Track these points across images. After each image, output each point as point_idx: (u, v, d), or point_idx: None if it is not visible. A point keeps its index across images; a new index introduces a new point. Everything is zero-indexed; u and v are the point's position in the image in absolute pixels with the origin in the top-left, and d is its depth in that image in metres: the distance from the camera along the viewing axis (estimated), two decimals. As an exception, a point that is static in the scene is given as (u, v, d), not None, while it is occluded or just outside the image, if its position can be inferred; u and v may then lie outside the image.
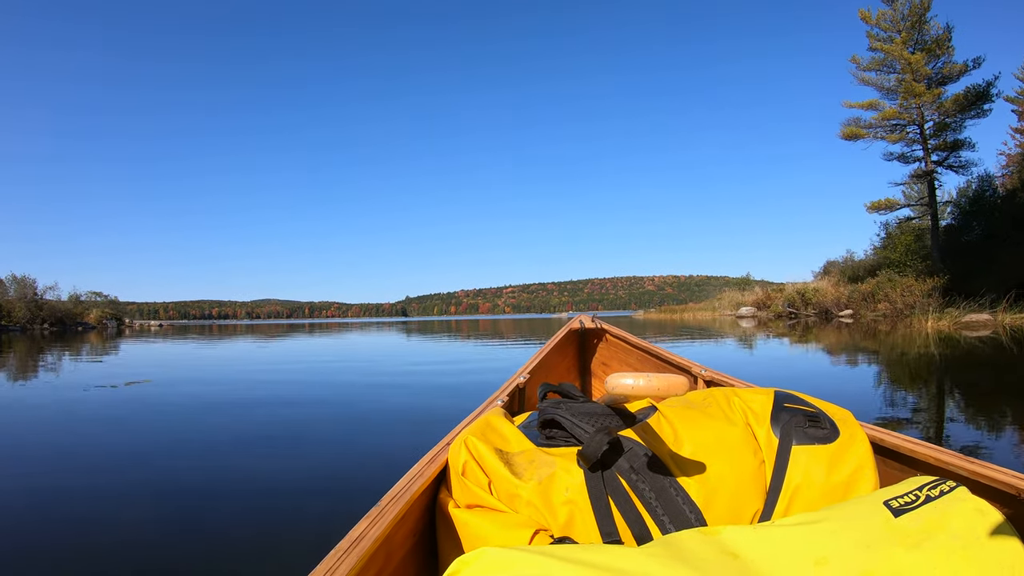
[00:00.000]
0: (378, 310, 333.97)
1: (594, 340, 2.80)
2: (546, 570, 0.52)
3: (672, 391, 0.77)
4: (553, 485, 0.84)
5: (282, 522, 1.88)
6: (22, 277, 33.91)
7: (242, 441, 3.13)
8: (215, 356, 10.35)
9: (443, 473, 0.99)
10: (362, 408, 4.19)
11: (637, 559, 0.55)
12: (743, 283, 34.97)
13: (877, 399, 3.98)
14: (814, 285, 23.41)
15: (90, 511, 2.02)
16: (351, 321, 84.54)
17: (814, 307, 22.10)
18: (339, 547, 0.71)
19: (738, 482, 0.83)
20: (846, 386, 4.72)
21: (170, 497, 2.17)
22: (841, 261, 31.59)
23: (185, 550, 1.68)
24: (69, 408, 4.36)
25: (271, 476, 2.43)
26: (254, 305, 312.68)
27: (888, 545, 0.58)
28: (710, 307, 31.31)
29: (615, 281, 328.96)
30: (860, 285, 20.28)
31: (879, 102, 20.90)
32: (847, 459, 0.86)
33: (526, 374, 1.88)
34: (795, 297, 23.24)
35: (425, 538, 0.95)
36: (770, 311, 24.78)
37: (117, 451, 2.97)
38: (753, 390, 1.01)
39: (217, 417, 3.89)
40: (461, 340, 14.23)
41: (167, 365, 8.54)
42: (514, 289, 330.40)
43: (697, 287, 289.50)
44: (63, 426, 3.70)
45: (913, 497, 0.66)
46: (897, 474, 1.00)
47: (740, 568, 0.56)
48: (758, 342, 10.41)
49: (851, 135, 20.97)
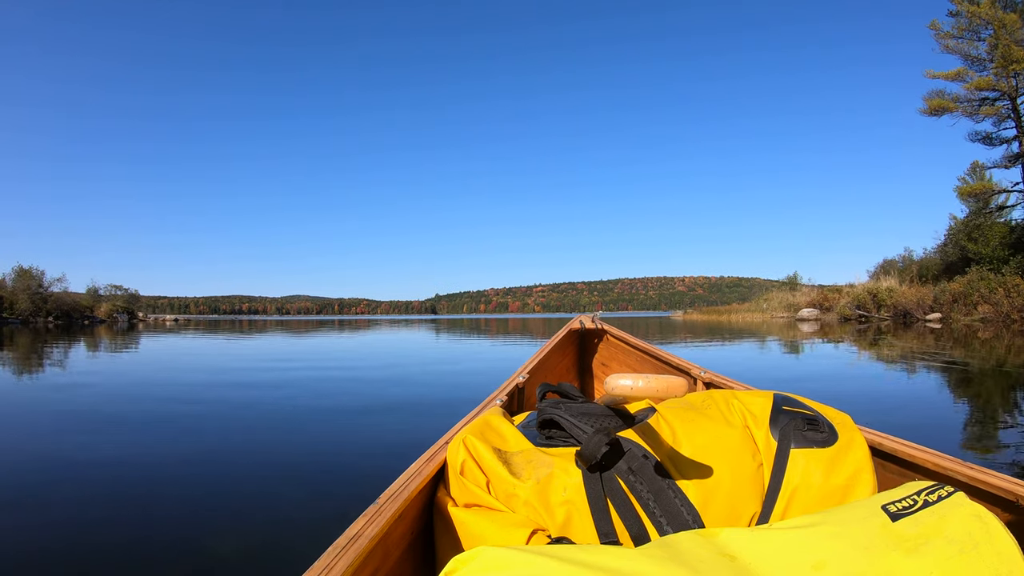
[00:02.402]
0: (407, 307, 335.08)
1: (594, 340, 2.80)
2: (543, 570, 0.52)
3: (671, 392, 0.76)
4: (551, 485, 0.84)
5: (278, 520, 1.87)
6: (28, 269, 32.70)
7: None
8: (202, 352, 9.80)
9: (441, 472, 0.98)
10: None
11: (634, 560, 0.54)
12: (790, 284, 32.33)
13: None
14: (887, 285, 20.60)
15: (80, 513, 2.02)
16: (380, 318, 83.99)
17: (888, 309, 19.29)
18: (336, 544, 0.71)
19: (736, 484, 0.83)
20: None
21: (161, 498, 2.16)
22: (899, 260, 29.42)
23: (179, 547, 1.67)
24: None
25: (266, 475, 2.42)
26: (284, 301, 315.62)
27: (885, 549, 0.58)
28: (757, 308, 29.28)
29: (645, 281, 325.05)
30: (949, 284, 17.39)
31: (967, 71, 17.94)
32: (845, 463, 0.85)
33: (525, 374, 1.89)
34: (865, 298, 20.43)
35: (423, 537, 0.95)
36: (835, 313, 21.99)
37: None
38: (752, 392, 1.01)
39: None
40: (490, 338, 13.72)
41: (125, 367, 7.54)
42: (544, 288, 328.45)
43: (728, 288, 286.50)
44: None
45: (911, 502, 0.65)
46: (895, 478, 1.01)
47: (737, 570, 0.55)
48: (848, 351, 8.51)
49: (938, 108, 18.18)
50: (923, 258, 26.69)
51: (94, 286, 39.79)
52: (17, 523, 1.89)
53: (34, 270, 32.36)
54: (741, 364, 6.84)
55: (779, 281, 37.54)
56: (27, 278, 31.69)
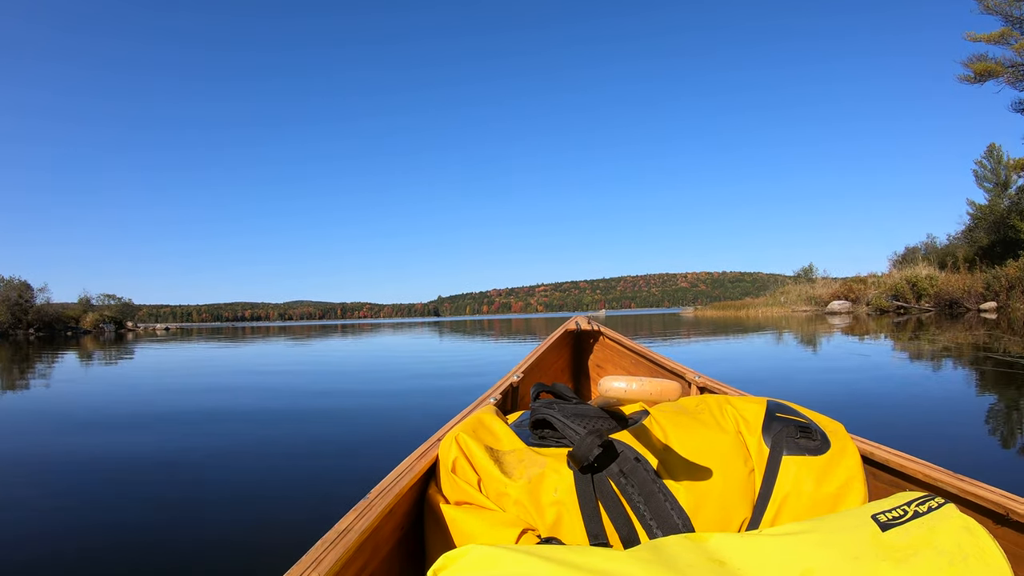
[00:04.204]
0: (410, 310, 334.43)
1: (590, 341, 2.78)
2: (531, 569, 0.52)
3: (665, 396, 0.75)
4: (542, 485, 0.83)
5: (268, 513, 1.87)
6: (9, 279, 30.99)
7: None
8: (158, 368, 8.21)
9: (433, 469, 0.98)
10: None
11: (623, 562, 0.54)
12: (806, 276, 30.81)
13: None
14: (926, 272, 18.85)
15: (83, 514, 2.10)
16: (383, 322, 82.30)
17: (929, 299, 17.58)
18: (325, 538, 0.71)
19: (727, 490, 0.82)
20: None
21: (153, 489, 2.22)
22: (922, 247, 28.05)
23: (168, 542, 1.67)
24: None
25: (257, 473, 2.44)
26: (286, 307, 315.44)
27: (874, 559, 0.57)
28: (775, 302, 27.74)
29: (648, 279, 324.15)
30: (1003, 269, 15.64)
31: (1012, 31, 16.20)
32: (837, 471, 0.85)
33: (520, 373, 1.88)
34: (903, 287, 18.65)
35: (412, 533, 0.94)
36: (866, 305, 20.26)
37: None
38: (746, 398, 1.00)
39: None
40: (494, 340, 12.84)
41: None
42: (546, 288, 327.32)
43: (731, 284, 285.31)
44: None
45: (901, 512, 0.65)
46: (886, 488, 1.01)
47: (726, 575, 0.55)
48: (926, 353, 6.44)
49: (983, 72, 16.30)
50: (948, 244, 25.41)
51: (86, 296, 38.15)
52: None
53: (15, 280, 30.81)
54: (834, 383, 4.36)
55: (782, 275, 36.45)
56: (8, 288, 30.12)
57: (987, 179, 24.35)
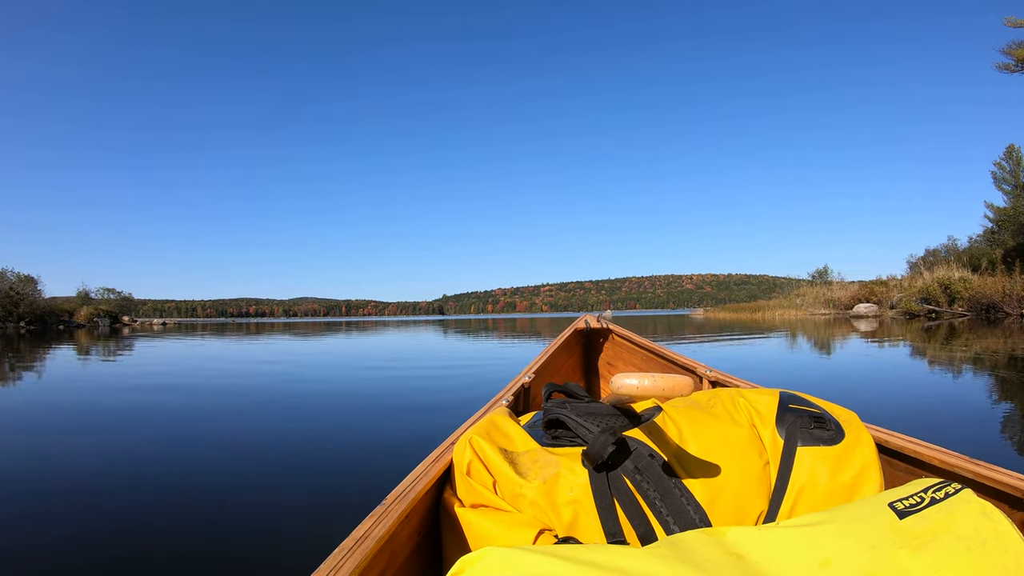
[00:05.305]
0: (415, 308, 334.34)
1: (600, 340, 2.76)
2: (550, 570, 0.51)
3: (677, 391, 0.74)
4: (558, 485, 0.82)
5: (285, 520, 1.84)
6: (3, 271, 30.01)
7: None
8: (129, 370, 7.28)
9: (448, 472, 0.97)
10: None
11: (642, 559, 0.54)
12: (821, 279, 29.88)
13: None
14: (959, 275, 17.84)
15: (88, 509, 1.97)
16: (388, 320, 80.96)
17: (963, 303, 16.56)
18: (343, 546, 0.70)
19: (743, 483, 0.81)
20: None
21: (171, 493, 2.11)
22: (943, 249, 27.14)
23: (186, 546, 1.64)
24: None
25: (271, 477, 2.36)
26: (291, 303, 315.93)
27: (893, 547, 0.57)
28: (790, 304, 26.98)
29: (653, 279, 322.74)
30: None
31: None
32: (852, 460, 0.83)
33: (531, 374, 1.86)
34: (935, 290, 17.62)
35: (429, 537, 0.94)
36: (891, 309, 19.24)
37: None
38: (758, 391, 0.99)
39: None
40: (499, 339, 12.48)
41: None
42: (551, 288, 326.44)
43: (737, 286, 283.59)
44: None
45: (918, 499, 0.64)
46: (902, 475, 0.99)
47: (745, 569, 0.55)
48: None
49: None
50: (970, 246, 24.61)
51: (84, 289, 37.44)
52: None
53: (8, 272, 29.99)
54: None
55: (794, 278, 35.60)
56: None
57: (1006, 181, 23.65)
